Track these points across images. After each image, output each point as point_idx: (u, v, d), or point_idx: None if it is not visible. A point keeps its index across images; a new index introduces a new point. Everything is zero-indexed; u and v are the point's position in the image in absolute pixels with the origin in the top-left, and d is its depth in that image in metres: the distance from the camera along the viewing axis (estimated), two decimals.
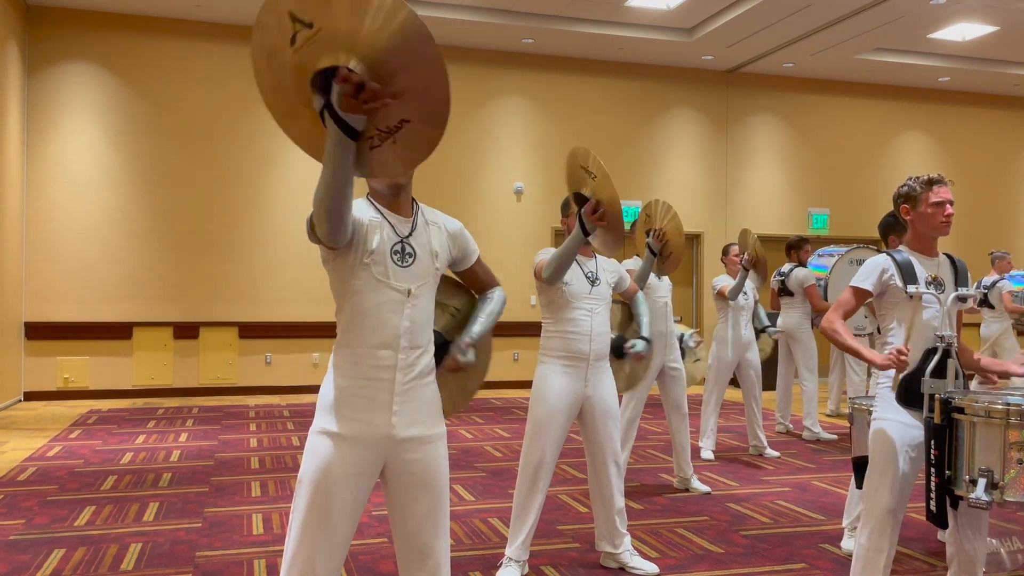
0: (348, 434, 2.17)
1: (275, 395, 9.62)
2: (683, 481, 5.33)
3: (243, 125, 9.74)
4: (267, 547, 4.03)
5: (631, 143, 11.07)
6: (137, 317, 9.38)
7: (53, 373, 9.15)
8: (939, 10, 9.10)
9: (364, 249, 2.17)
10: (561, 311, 3.61)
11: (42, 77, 9.19)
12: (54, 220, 9.17)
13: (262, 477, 5.54)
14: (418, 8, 9.24)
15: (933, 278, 2.95)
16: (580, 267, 3.66)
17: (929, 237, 2.98)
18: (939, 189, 2.92)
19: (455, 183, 10.37)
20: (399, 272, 2.20)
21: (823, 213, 11.84)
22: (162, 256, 9.46)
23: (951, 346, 2.87)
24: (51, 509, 4.69)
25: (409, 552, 2.25)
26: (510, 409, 8.79)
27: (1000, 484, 2.62)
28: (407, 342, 2.20)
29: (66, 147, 9.24)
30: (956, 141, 12.48)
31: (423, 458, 2.23)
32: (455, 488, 5.29)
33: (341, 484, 2.16)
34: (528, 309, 10.47)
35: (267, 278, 9.68)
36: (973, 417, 2.67)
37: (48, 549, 3.98)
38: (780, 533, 4.39)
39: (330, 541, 2.16)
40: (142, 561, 3.84)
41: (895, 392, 2.91)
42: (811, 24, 9.51)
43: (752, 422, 6.44)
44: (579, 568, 3.81)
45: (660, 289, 5.19)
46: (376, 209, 2.25)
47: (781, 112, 11.73)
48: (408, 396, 2.21)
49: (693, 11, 9.46)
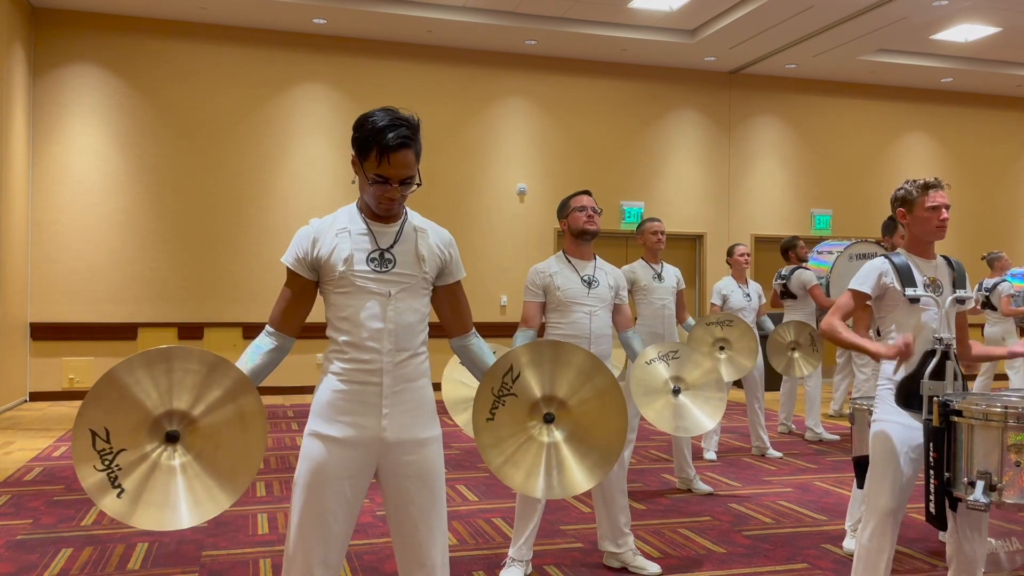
0: (339, 437, 2.21)
1: (279, 395, 9.65)
2: (685, 481, 5.35)
3: (247, 127, 9.78)
4: (272, 547, 4.06)
5: (633, 144, 11.09)
6: (142, 318, 9.42)
7: (58, 373, 9.20)
8: (941, 11, 9.11)
9: (336, 260, 2.21)
10: (560, 315, 3.64)
11: (48, 79, 9.23)
12: (60, 221, 9.22)
13: (267, 477, 5.57)
14: (422, 10, 9.28)
15: (931, 280, 2.97)
16: (576, 271, 3.67)
17: (925, 241, 3.00)
18: (935, 194, 2.93)
19: (458, 184, 10.40)
20: (378, 276, 2.22)
21: (826, 214, 11.85)
22: (167, 257, 9.50)
23: (950, 348, 2.90)
24: (58, 509, 4.73)
25: (407, 552, 2.27)
26: None
27: (998, 486, 2.64)
28: (392, 344, 2.21)
29: (71, 149, 9.28)
30: (958, 142, 12.48)
31: (417, 459, 2.25)
32: (459, 488, 5.32)
33: (334, 486, 2.20)
34: None
35: (271, 279, 9.71)
36: (971, 420, 2.69)
37: (55, 549, 4.02)
38: (782, 533, 4.41)
39: (326, 541, 2.19)
40: (148, 560, 3.87)
41: (894, 394, 2.93)
42: (813, 25, 9.52)
43: (755, 422, 6.46)
44: (582, 568, 3.84)
45: (660, 292, 5.18)
46: (361, 218, 2.27)
47: (783, 113, 11.75)
48: (398, 399, 2.23)
49: (696, 12, 9.48)
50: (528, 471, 2.32)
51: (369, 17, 9.36)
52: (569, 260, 3.71)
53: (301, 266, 2.25)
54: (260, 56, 9.84)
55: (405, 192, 2.21)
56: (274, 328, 2.30)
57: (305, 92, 9.99)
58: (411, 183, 2.20)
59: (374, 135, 2.12)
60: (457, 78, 10.47)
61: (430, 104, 10.27)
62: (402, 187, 2.18)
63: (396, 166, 2.14)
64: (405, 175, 2.17)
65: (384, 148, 2.12)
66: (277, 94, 9.90)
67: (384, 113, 2.15)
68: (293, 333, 2.32)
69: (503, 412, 2.32)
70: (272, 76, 9.87)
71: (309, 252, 2.24)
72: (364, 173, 2.19)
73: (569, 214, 3.72)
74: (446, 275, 2.36)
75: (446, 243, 2.35)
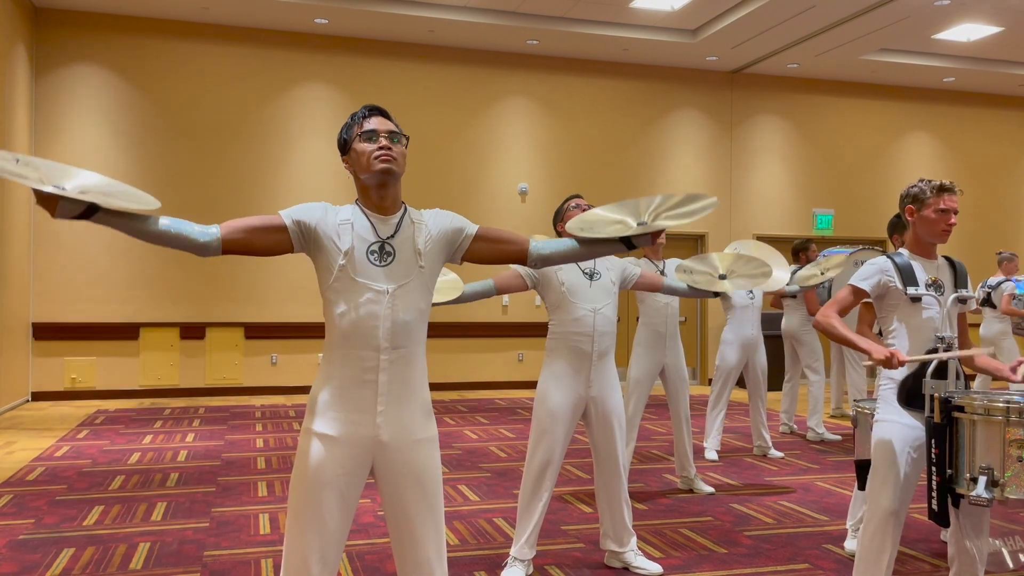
0: (335, 434, 2.21)
1: (281, 395, 9.66)
2: (687, 481, 5.35)
3: (249, 127, 9.79)
4: (274, 547, 4.06)
5: (635, 144, 11.09)
6: (144, 318, 9.43)
7: (60, 373, 9.21)
8: (943, 11, 9.10)
9: (336, 250, 2.21)
10: (563, 311, 3.63)
11: (50, 79, 9.24)
12: (61, 222, 9.23)
13: (268, 477, 5.57)
14: (424, 10, 9.28)
15: (933, 280, 2.97)
16: (577, 266, 3.68)
17: (928, 242, 3.01)
18: (948, 198, 2.94)
19: (460, 184, 10.40)
20: (377, 272, 2.22)
21: (827, 214, 11.84)
22: (168, 257, 9.51)
23: (952, 347, 2.90)
24: (60, 509, 4.73)
25: (403, 551, 2.28)
26: (515, 410, 8.82)
27: (1000, 482, 2.63)
28: (389, 342, 2.20)
29: (74, 149, 9.29)
30: (961, 141, 12.47)
31: (412, 458, 2.25)
32: (460, 488, 5.32)
33: (330, 484, 2.20)
34: (533, 310, 10.50)
35: (273, 279, 9.72)
36: (973, 415, 2.69)
37: (58, 549, 4.02)
38: (784, 534, 4.41)
39: (323, 539, 2.20)
40: (151, 560, 3.88)
41: (896, 393, 2.93)
42: (815, 25, 9.52)
43: (757, 422, 6.46)
44: (583, 568, 3.84)
45: None
46: (361, 210, 2.28)
47: (785, 113, 11.74)
48: (393, 398, 2.23)
49: (697, 12, 9.47)
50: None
51: (371, 17, 9.36)
52: None
53: (296, 227, 2.21)
54: (262, 56, 9.84)
55: (395, 146, 2.23)
56: (219, 225, 2.15)
57: (306, 92, 9.99)
58: (399, 137, 2.26)
59: (352, 116, 2.32)
60: (459, 78, 10.47)
61: (432, 104, 10.27)
62: (391, 139, 2.23)
63: (378, 123, 2.27)
64: (390, 128, 2.26)
65: (364, 115, 2.29)
66: (279, 94, 9.90)
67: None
68: (227, 243, 2.14)
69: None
70: (274, 76, 9.88)
71: (311, 221, 2.22)
72: (354, 149, 2.26)
73: (564, 217, 3.74)
74: (464, 239, 2.34)
75: (447, 221, 2.33)
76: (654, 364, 5.21)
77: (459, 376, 10.30)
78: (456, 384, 10.27)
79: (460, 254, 2.35)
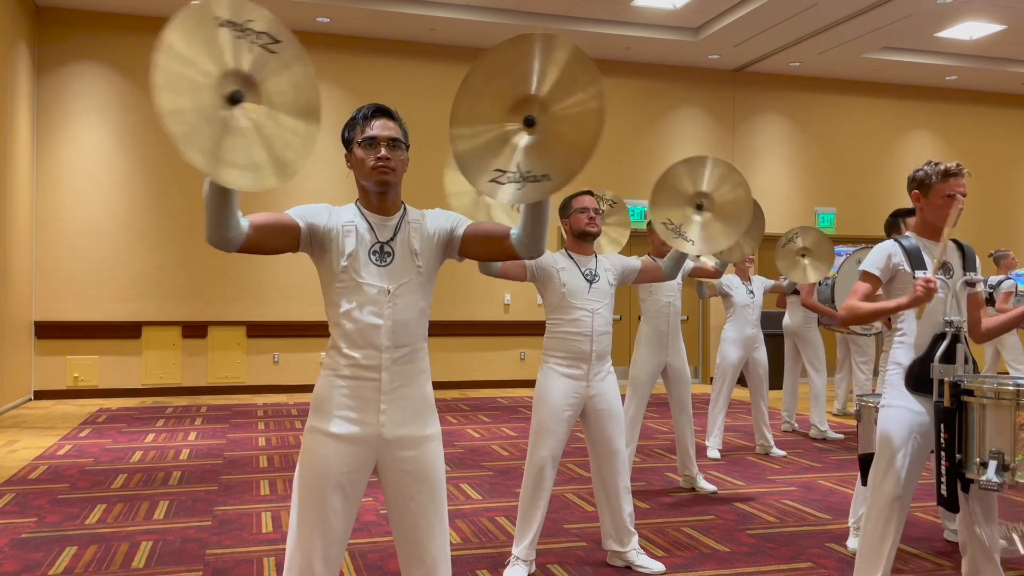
0: (338, 433, 2.22)
1: (283, 394, 9.66)
2: (689, 480, 5.34)
3: None
4: (276, 545, 4.06)
5: (637, 142, 11.08)
6: (146, 316, 9.43)
7: (63, 372, 9.22)
8: (946, 9, 9.08)
9: (339, 251, 2.23)
10: (562, 311, 3.64)
11: (52, 78, 9.25)
12: (64, 220, 9.23)
13: (271, 476, 5.57)
14: (426, 8, 9.27)
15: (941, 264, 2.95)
16: (577, 266, 3.69)
17: (936, 226, 2.97)
18: (954, 182, 2.90)
19: None
20: (378, 272, 2.24)
21: (830, 212, 11.83)
22: (171, 256, 9.51)
23: (960, 331, 2.87)
24: (62, 507, 4.74)
25: (406, 549, 2.29)
26: (516, 408, 8.82)
27: (1011, 466, 2.61)
28: (390, 341, 2.22)
29: (76, 148, 9.29)
30: (963, 140, 12.45)
31: (415, 456, 2.26)
32: (462, 487, 5.32)
33: (333, 482, 2.21)
34: (534, 308, 10.49)
35: (275, 277, 9.72)
36: (983, 399, 2.66)
37: (60, 547, 4.03)
38: (786, 532, 4.41)
39: (326, 537, 2.21)
40: (153, 559, 3.88)
41: (903, 378, 2.91)
42: (818, 23, 9.50)
43: (759, 421, 6.45)
44: (586, 567, 3.83)
45: (666, 289, 5.18)
46: (360, 212, 2.30)
47: (787, 111, 11.73)
48: (396, 395, 2.24)
49: (700, 10, 9.46)
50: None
51: (373, 15, 9.36)
52: (571, 256, 3.75)
53: (307, 229, 2.21)
54: None
55: (395, 155, 2.24)
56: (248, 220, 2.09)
57: None
58: (400, 145, 2.26)
59: (358, 112, 2.31)
60: (460, 76, 10.34)
61: (434, 102, 10.26)
62: (392, 148, 2.24)
63: (380, 128, 2.26)
64: (391, 135, 2.25)
65: (367, 115, 2.28)
66: None
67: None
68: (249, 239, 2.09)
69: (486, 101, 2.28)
70: None
71: (317, 220, 2.24)
72: (355, 151, 2.26)
73: (571, 215, 3.76)
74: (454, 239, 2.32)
75: (442, 221, 2.34)
76: (656, 363, 5.21)
77: (461, 375, 10.30)
78: (458, 383, 10.27)
79: (455, 252, 2.37)
